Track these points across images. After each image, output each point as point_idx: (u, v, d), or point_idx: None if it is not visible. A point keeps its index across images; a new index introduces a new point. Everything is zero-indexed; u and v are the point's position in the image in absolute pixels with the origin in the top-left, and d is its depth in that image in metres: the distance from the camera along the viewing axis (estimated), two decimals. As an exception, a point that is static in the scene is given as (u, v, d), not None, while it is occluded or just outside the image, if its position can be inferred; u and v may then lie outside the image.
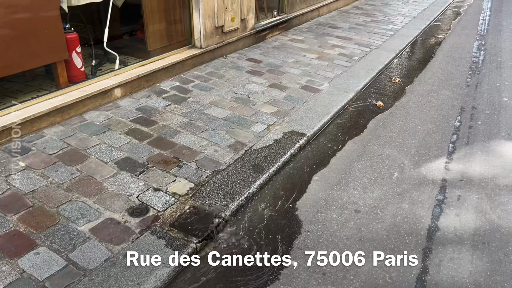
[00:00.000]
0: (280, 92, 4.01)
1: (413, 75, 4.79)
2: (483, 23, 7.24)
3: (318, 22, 6.76)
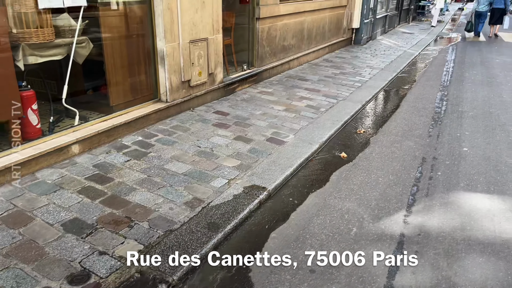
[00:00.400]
0: (245, 145, 4.01)
1: (378, 126, 4.88)
2: (446, 74, 7.56)
3: (288, 75, 6.95)
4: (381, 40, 11.67)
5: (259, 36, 6.15)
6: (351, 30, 10.24)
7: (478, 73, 7.54)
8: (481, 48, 10.78)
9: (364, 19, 10.26)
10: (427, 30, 14.43)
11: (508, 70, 7.80)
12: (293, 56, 7.38)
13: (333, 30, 9.15)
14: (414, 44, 11.10)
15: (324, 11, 8.43)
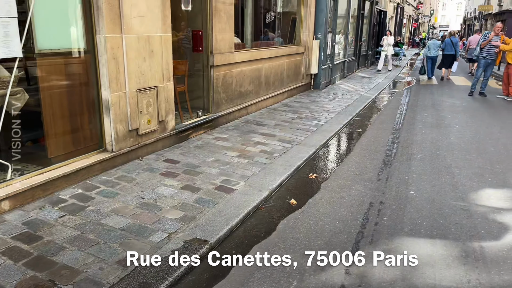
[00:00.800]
0: (192, 195, 3.89)
1: (329, 170, 4.90)
2: (399, 117, 7.82)
3: (245, 120, 6.99)
4: (340, 84, 12.09)
5: (214, 83, 6.21)
6: (310, 75, 10.57)
7: (429, 116, 7.85)
8: (433, 91, 11.33)
9: (321, 65, 10.65)
10: (384, 75, 15.12)
11: (456, 112, 8.16)
12: (251, 101, 7.47)
13: (291, 76, 9.41)
14: (371, 88, 11.56)
15: (281, 58, 8.69)
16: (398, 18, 28.44)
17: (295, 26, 9.80)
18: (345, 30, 13.30)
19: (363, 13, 15.73)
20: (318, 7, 10.21)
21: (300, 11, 9.80)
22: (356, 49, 15.35)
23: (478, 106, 8.95)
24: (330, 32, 11.28)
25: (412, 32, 42.49)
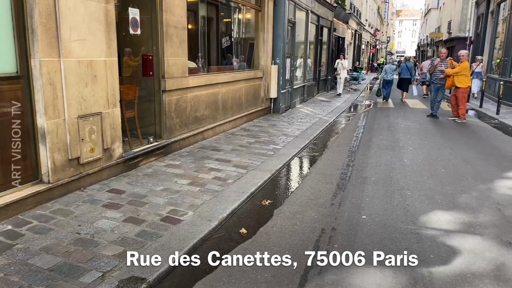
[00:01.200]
0: (134, 227, 3.64)
1: (284, 196, 4.78)
2: (356, 140, 7.90)
3: (201, 146, 6.82)
4: (300, 108, 12.21)
5: (166, 108, 6.03)
6: (270, 99, 10.60)
7: (384, 138, 7.98)
8: (389, 114, 11.64)
9: (281, 89, 10.72)
10: (343, 98, 15.47)
11: (410, 134, 8.36)
12: (207, 126, 7.33)
13: (250, 100, 9.38)
14: (330, 111, 11.74)
15: (239, 82, 8.66)
16: (356, 44, 29.55)
17: (253, 51, 9.86)
18: (304, 55, 13.57)
19: (321, 39, 16.17)
20: (275, 32, 10.36)
21: (258, 37, 9.89)
22: (315, 74, 15.67)
23: (431, 128, 9.23)
24: (289, 57, 11.45)
25: (370, 57, 44.27)
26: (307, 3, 12.77)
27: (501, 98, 11.27)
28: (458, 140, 7.91)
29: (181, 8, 6.14)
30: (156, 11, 5.74)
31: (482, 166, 5.95)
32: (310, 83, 14.74)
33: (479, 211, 4.19)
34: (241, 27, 9.56)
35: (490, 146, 7.48)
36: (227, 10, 8.80)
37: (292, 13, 11.21)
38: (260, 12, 9.75)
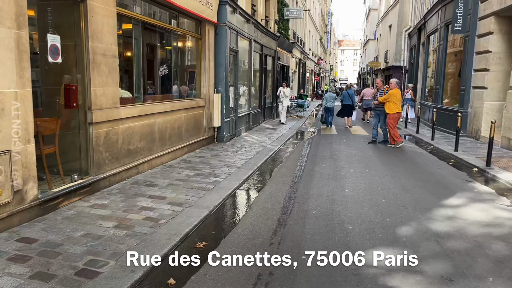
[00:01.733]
0: (41, 285, 3.11)
1: (220, 236, 4.44)
2: (299, 169, 7.78)
3: (135, 181, 6.33)
4: (245, 136, 12.04)
5: (94, 142, 5.53)
6: (213, 128, 10.32)
7: (326, 167, 7.93)
8: (332, 141, 11.77)
9: (224, 118, 10.50)
10: (288, 125, 15.57)
11: (352, 162, 8.40)
12: (142, 159, 6.86)
13: (191, 130, 9.04)
14: (275, 139, 11.65)
15: (178, 112, 8.31)
16: (301, 72, 30.40)
17: (195, 80, 9.60)
18: (248, 83, 13.54)
19: (266, 67, 16.34)
20: (217, 61, 10.21)
21: (199, 65, 9.67)
22: (261, 102, 15.70)
23: (372, 155, 9.37)
24: (232, 86, 11.32)
25: (315, 85, 45.80)
26: (250, 32, 12.84)
27: (435, 124, 11.82)
28: (398, 167, 8.04)
29: (110, 35, 5.76)
30: (81, 38, 5.33)
31: (420, 194, 6.00)
32: (256, 111, 14.70)
33: (419, 245, 4.09)
34: (181, 55, 9.30)
35: (427, 172, 7.66)
36: (167, 37, 8.52)
37: (234, 42, 11.16)
38: (201, 41, 9.57)
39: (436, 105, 14.45)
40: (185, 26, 8.97)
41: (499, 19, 10.64)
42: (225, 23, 10.08)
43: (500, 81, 10.89)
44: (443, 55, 14.23)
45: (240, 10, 11.21)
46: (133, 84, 7.15)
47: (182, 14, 8.54)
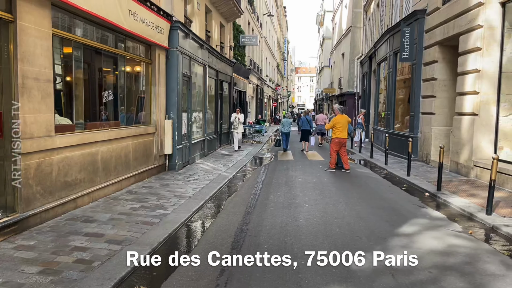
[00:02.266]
0: None
1: (162, 278, 4.00)
2: (253, 198, 7.49)
3: (71, 216, 5.75)
4: (199, 164, 11.63)
5: (22, 175, 4.96)
6: (164, 156, 9.86)
7: (281, 195, 7.70)
8: (288, 167, 11.62)
9: (176, 145, 10.08)
10: (245, 151, 15.34)
11: (307, 189, 8.23)
12: (82, 192, 6.30)
13: (140, 158, 8.55)
14: (230, 166, 11.34)
15: (125, 139, 7.83)
16: (258, 98, 30.59)
17: (144, 106, 9.18)
18: (203, 109, 13.24)
19: (222, 93, 16.17)
20: (169, 86, 9.88)
21: (149, 90, 9.29)
22: (217, 127, 15.42)
23: (327, 182, 9.28)
24: (185, 111, 10.98)
25: (273, 110, 46.36)
26: (204, 58, 12.66)
27: (387, 149, 12.03)
28: (352, 194, 7.95)
29: (44, 57, 5.31)
30: (8, 60, 4.84)
31: (375, 222, 5.87)
32: (211, 137, 14.38)
33: (374, 280, 3.88)
34: (129, 80, 8.88)
35: (381, 198, 7.62)
36: (113, 61, 8.09)
37: (187, 67, 10.91)
38: (150, 66, 9.23)
39: (388, 130, 14.82)
40: (134, 50, 8.62)
41: (443, 48, 11.16)
42: (176, 48, 9.81)
43: (447, 107, 11.32)
44: (393, 82, 14.74)
45: (193, 36, 11.02)
46: (74, 110, 6.64)
47: (130, 38, 8.19)
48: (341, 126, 10.59)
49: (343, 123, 10.63)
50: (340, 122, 10.62)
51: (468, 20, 9.31)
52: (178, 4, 10.32)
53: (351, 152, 16.01)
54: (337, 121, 10.66)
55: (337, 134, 10.61)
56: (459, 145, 9.73)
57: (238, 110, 15.72)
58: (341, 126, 10.59)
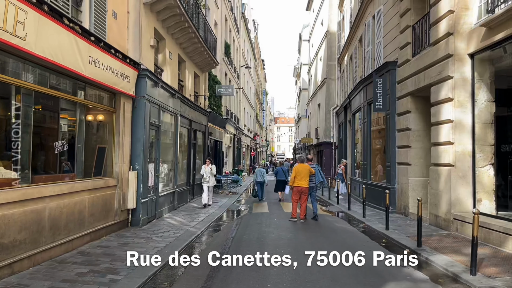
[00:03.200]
0: None
1: None
2: (219, 261, 6.77)
3: (4, 285, 4.94)
4: (167, 218, 10.87)
5: None
6: (127, 211, 9.12)
7: (251, 256, 7.01)
8: (262, 220, 10.97)
9: (141, 198, 9.39)
10: (219, 203, 14.66)
11: (280, 247, 7.59)
12: (22, 255, 5.52)
13: (98, 214, 7.81)
14: (200, 221, 10.63)
15: (80, 193, 7.15)
16: (236, 147, 30.28)
17: (105, 157, 8.58)
18: (173, 159, 12.69)
19: (195, 142, 15.72)
20: (134, 136, 9.37)
21: (112, 140, 8.74)
22: (189, 178, 14.77)
23: (302, 237, 8.68)
24: (153, 162, 10.40)
25: (252, 160, 46.03)
26: (176, 107, 12.32)
27: (365, 200, 11.61)
28: (325, 248, 7.33)
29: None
30: None
31: (350, 286, 5.26)
32: (182, 189, 13.69)
33: None
34: (90, 129, 8.35)
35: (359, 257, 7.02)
36: (72, 109, 7.57)
37: (156, 116, 10.48)
38: (114, 114, 8.76)
39: (365, 180, 14.51)
40: (96, 98, 8.17)
41: (415, 98, 11.17)
42: (144, 96, 9.43)
43: (422, 157, 11.13)
44: (368, 132, 14.67)
45: (163, 84, 10.72)
46: (19, 162, 6.00)
47: (91, 85, 7.77)
48: (300, 175, 10.60)
49: (302, 172, 10.61)
50: (299, 170, 10.64)
51: (438, 71, 9.35)
52: (147, 52, 10.09)
53: (328, 203, 15.53)
54: (295, 170, 10.72)
55: (296, 182, 10.62)
56: (437, 197, 9.39)
57: (209, 162, 13.78)
58: (299, 175, 10.59)
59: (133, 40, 9.35)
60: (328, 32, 26.70)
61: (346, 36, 21.23)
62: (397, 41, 12.01)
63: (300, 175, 10.58)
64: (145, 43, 9.87)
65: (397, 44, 11.98)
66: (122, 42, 8.97)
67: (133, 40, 9.34)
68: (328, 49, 26.74)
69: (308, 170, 10.70)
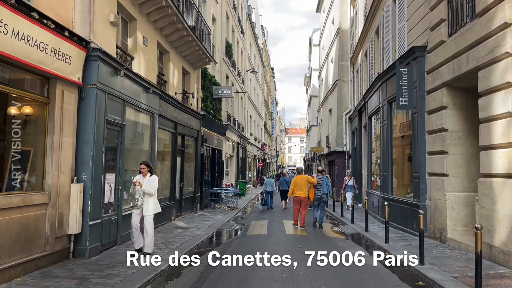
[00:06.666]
0: None
1: None
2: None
3: None
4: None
5: None
6: (67, 237, 6.78)
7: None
8: (256, 247, 8.50)
9: (89, 220, 7.03)
10: (210, 221, 12.27)
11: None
12: None
13: (14, 244, 5.49)
14: (176, 247, 8.27)
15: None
16: (240, 157, 27.87)
17: (29, 164, 6.27)
18: (150, 169, 10.32)
19: (183, 149, 13.40)
20: (81, 136, 7.06)
21: (43, 141, 6.44)
22: (173, 192, 12.39)
23: (303, 276, 6.21)
24: (112, 172, 8.05)
25: (259, 171, 43.51)
26: (152, 105, 10.03)
27: (387, 221, 9.02)
28: None
29: None
30: None
31: None
32: (164, 204, 11.26)
33: None
34: (7, 126, 6.06)
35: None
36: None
37: (118, 113, 8.18)
38: (48, 106, 6.47)
39: (385, 195, 11.95)
40: (14, 83, 5.90)
41: (452, 90, 8.67)
42: (94, 85, 7.15)
43: (463, 166, 8.58)
44: (389, 136, 12.14)
45: (129, 73, 8.44)
46: None
47: (6, 64, 5.52)
48: (298, 186, 11.26)
49: (299, 183, 11.26)
50: (296, 181, 11.37)
51: (489, 49, 6.87)
52: (105, 30, 7.83)
53: (341, 222, 12.97)
54: (295, 181, 11.42)
55: (295, 193, 11.31)
56: (491, 220, 6.83)
57: (144, 169, 7.29)
58: (297, 186, 11.27)
59: (81, 11, 7.12)
60: (340, 30, 24.33)
61: (359, 32, 18.86)
62: (426, 21, 9.57)
63: (298, 186, 11.24)
64: (101, 18, 7.63)
65: (427, 25, 9.53)
66: (64, 11, 6.75)
67: (81, 11, 7.10)
68: (339, 48, 24.34)
69: (305, 180, 11.28)
